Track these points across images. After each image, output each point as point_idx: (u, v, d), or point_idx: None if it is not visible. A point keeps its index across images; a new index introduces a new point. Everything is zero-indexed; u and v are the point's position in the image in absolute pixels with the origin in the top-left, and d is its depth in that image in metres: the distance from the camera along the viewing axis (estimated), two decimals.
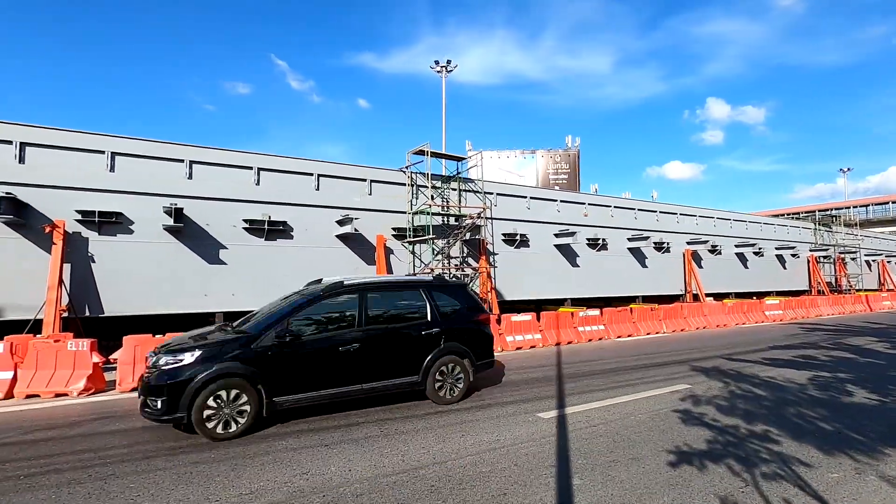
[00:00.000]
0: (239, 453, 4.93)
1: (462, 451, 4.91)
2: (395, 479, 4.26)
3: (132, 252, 11.15)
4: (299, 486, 4.16)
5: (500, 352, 11.60)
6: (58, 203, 10.45)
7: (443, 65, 31.37)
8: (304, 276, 13.07)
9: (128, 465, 4.64)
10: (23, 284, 9.99)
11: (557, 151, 44.37)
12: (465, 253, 16.01)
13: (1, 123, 10.19)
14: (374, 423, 5.89)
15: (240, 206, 12.34)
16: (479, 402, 6.87)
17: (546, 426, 5.73)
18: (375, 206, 14.32)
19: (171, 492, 4.05)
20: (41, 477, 4.39)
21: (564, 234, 17.94)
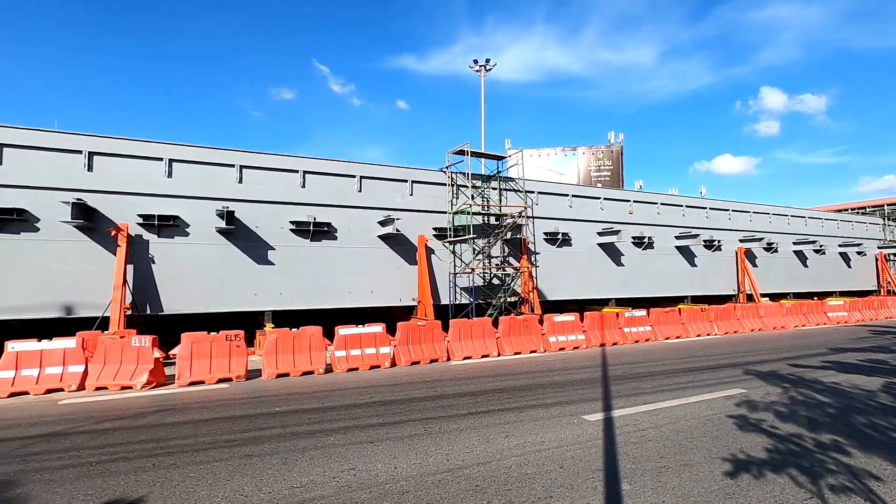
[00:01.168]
0: (289, 447, 5.10)
1: (506, 452, 4.89)
2: (440, 478, 4.29)
3: (188, 253, 11.75)
4: (347, 481, 4.26)
5: (542, 352, 11.46)
6: (122, 208, 11.14)
7: (482, 64, 31.28)
8: (347, 276, 13.42)
9: (187, 456, 4.90)
10: (91, 284, 10.72)
11: (599, 148, 43.31)
12: (506, 252, 15.90)
13: (72, 135, 10.98)
14: (418, 422, 5.96)
15: (287, 209, 12.76)
16: (523, 403, 6.81)
17: (592, 429, 5.62)
18: (416, 207, 14.45)
19: (227, 482, 4.24)
20: (110, 464, 4.70)
21: (608, 232, 17.51)
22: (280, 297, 12.61)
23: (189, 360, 8.33)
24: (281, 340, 9.05)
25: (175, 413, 6.55)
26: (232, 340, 8.68)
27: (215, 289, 11.99)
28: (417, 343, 10.26)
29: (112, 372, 8.03)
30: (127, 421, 6.20)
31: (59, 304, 10.56)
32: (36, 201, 10.47)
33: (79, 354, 8.10)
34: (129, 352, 8.20)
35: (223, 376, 8.41)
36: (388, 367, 9.61)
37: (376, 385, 8.14)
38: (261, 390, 7.85)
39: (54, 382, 7.80)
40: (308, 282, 12.90)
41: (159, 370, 8.28)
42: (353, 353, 9.51)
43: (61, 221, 10.36)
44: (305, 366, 9.01)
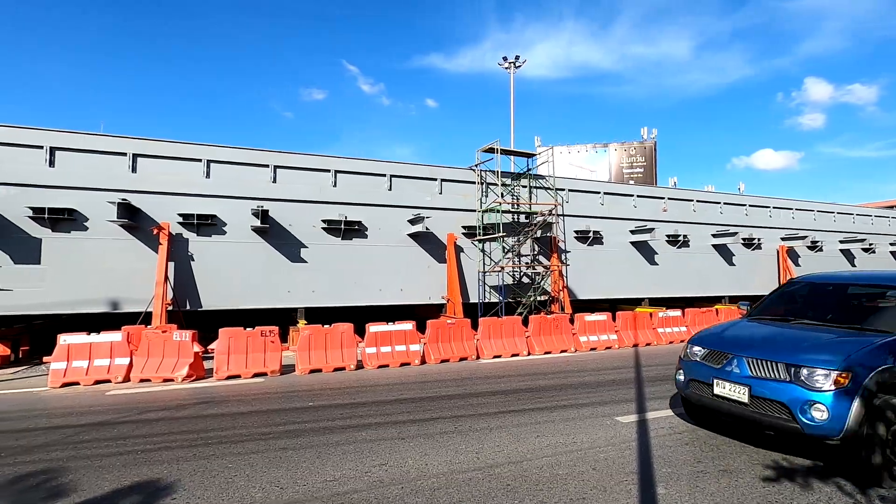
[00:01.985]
0: (323, 442, 5.20)
1: (537, 452, 4.85)
2: (471, 476, 4.29)
3: (225, 251, 12.12)
4: (379, 476, 4.31)
5: (573, 352, 11.31)
6: (163, 207, 11.58)
7: (511, 61, 31.01)
8: (378, 274, 13.57)
9: (226, 447, 5.06)
10: (136, 280, 11.19)
11: (632, 144, 42.36)
12: (536, 251, 15.76)
13: (117, 138, 11.48)
14: (448, 420, 5.98)
15: (319, 207, 13.00)
16: (554, 403, 6.75)
17: (626, 431, 5.51)
18: (446, 205, 14.47)
19: (264, 474, 4.36)
20: (155, 453, 4.91)
21: (641, 230, 17.11)
22: (312, 295, 12.86)
23: (226, 355, 8.61)
24: (313, 337, 9.24)
25: (214, 405, 6.78)
26: (267, 336, 8.91)
27: (250, 286, 12.33)
28: (447, 341, 10.28)
29: (155, 365, 8.37)
30: (169, 412, 6.46)
31: (106, 299, 11.08)
32: (85, 201, 11.00)
33: (124, 347, 8.48)
34: (171, 346, 8.53)
35: (258, 371, 8.65)
36: (417, 365, 9.68)
37: (406, 382, 8.21)
38: (294, 385, 8.03)
39: (102, 374, 8.20)
40: (339, 279, 13.11)
41: (199, 364, 8.58)
42: (384, 350, 9.62)
43: (108, 221, 10.85)
44: (337, 362, 9.17)
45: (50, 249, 10.75)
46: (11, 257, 10.47)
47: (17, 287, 10.47)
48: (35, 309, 10.72)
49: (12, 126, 10.74)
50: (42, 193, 10.71)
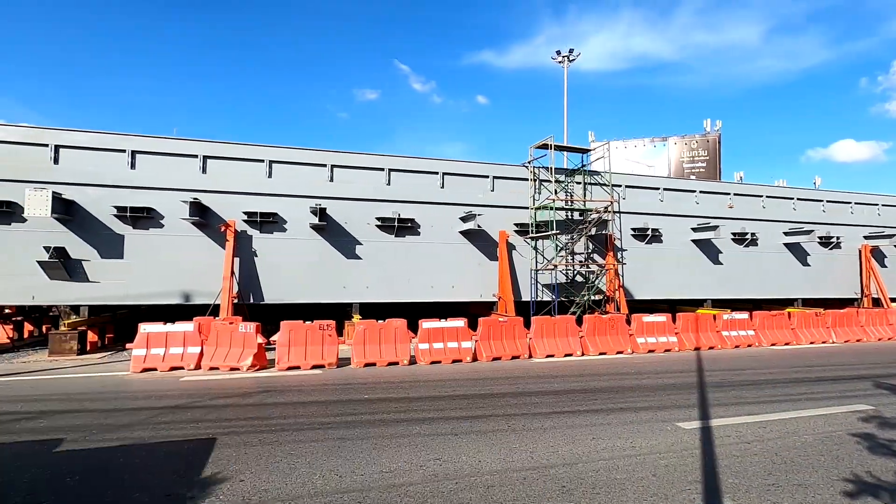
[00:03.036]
0: (378, 434, 5.34)
1: (594, 455, 4.74)
2: (525, 476, 4.26)
3: (285, 248, 12.68)
4: (433, 470, 4.37)
5: (629, 353, 10.95)
6: (230, 206, 12.28)
7: (564, 54, 30.37)
8: (430, 270, 13.73)
9: (288, 434, 5.31)
10: (205, 274, 11.94)
11: (694, 137, 40.24)
12: (591, 249, 15.36)
13: (189, 141, 12.28)
14: (501, 418, 5.96)
15: (373, 205, 13.31)
16: (610, 406, 6.56)
17: (688, 437, 5.28)
18: (498, 203, 14.40)
19: (324, 462, 4.53)
20: (224, 437, 5.22)
21: (704, 227, 16.25)
22: (366, 290, 13.20)
23: (287, 347, 9.01)
24: (368, 331, 9.49)
25: (276, 395, 7.12)
26: (324, 330, 9.25)
27: (309, 281, 12.83)
28: (499, 339, 10.25)
29: (223, 354, 8.90)
30: (236, 399, 6.85)
31: (179, 291, 11.89)
32: (161, 201, 11.85)
33: (196, 337, 9.07)
34: (237, 337, 9.03)
35: (316, 363, 8.99)
36: (469, 362, 9.71)
37: (459, 379, 8.26)
38: (350, 378, 8.29)
39: (176, 361, 8.82)
40: (392, 276, 13.38)
41: (262, 354, 9.04)
42: (436, 347, 9.72)
43: (181, 219, 11.64)
44: (391, 356, 9.37)
45: (131, 245, 11.68)
46: (99, 252, 11.46)
47: (104, 280, 11.45)
48: (119, 300, 11.69)
49: (99, 132, 11.75)
50: (124, 194, 11.64)
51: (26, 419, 5.83)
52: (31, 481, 4.08)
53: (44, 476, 4.19)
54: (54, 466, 4.38)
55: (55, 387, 7.67)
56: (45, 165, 11.23)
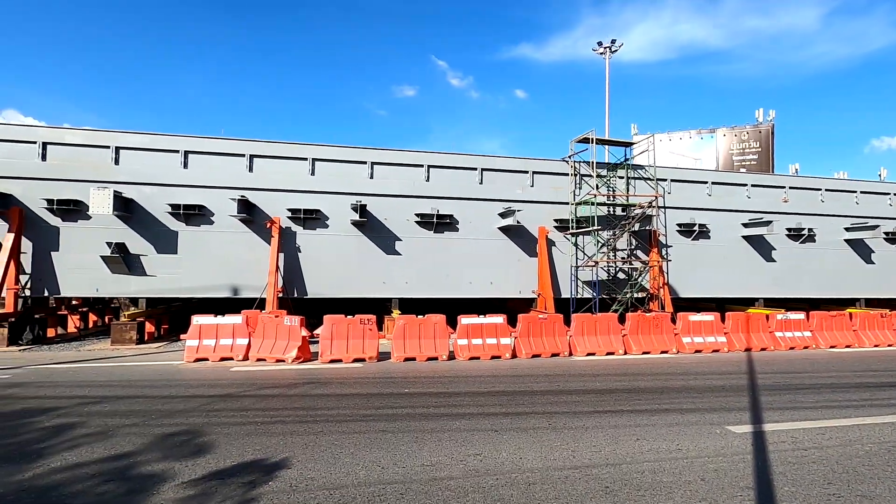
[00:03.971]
0: (419, 427, 5.40)
1: (638, 456, 4.63)
2: (567, 475, 4.21)
3: (327, 244, 13.01)
4: (474, 465, 4.39)
5: (674, 353, 10.61)
6: (275, 203, 12.70)
7: (606, 46, 29.38)
8: (468, 266, 13.74)
9: (332, 425, 5.45)
10: (251, 269, 12.41)
11: (744, 128, 38.36)
12: (634, 245, 14.94)
13: (237, 141, 12.77)
14: (542, 416, 5.91)
15: (412, 202, 13.44)
16: (655, 406, 6.38)
17: (738, 442, 5.06)
18: (537, 198, 14.23)
19: (366, 453, 4.63)
20: (272, 425, 5.42)
21: (756, 223, 15.50)
22: (405, 286, 13.36)
23: (330, 340, 9.25)
24: (408, 326, 9.60)
25: (320, 386, 7.32)
26: (365, 324, 9.43)
27: (349, 276, 13.11)
28: (538, 336, 10.15)
29: (269, 346, 9.24)
30: (282, 389, 7.10)
31: (228, 285, 12.42)
32: (211, 198, 12.39)
33: (244, 329, 9.45)
34: (282, 329, 9.35)
35: (358, 356, 9.19)
36: (508, 359, 9.67)
37: (498, 375, 8.24)
38: (391, 372, 8.42)
39: (226, 352, 9.22)
40: (431, 272, 13.47)
41: (305, 347, 9.32)
42: (475, 343, 9.73)
43: (230, 216, 12.13)
44: (430, 352, 9.45)
45: (184, 241, 12.28)
46: (155, 248, 12.11)
47: (160, 274, 12.11)
48: (173, 293, 12.33)
49: (155, 134, 12.39)
50: (178, 192, 12.24)
51: (93, 403, 6.25)
52: (99, 460, 4.37)
53: (111, 454, 4.48)
54: (117, 447, 4.68)
55: (117, 374, 8.18)
56: (107, 166, 11.96)
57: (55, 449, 4.63)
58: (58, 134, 12.09)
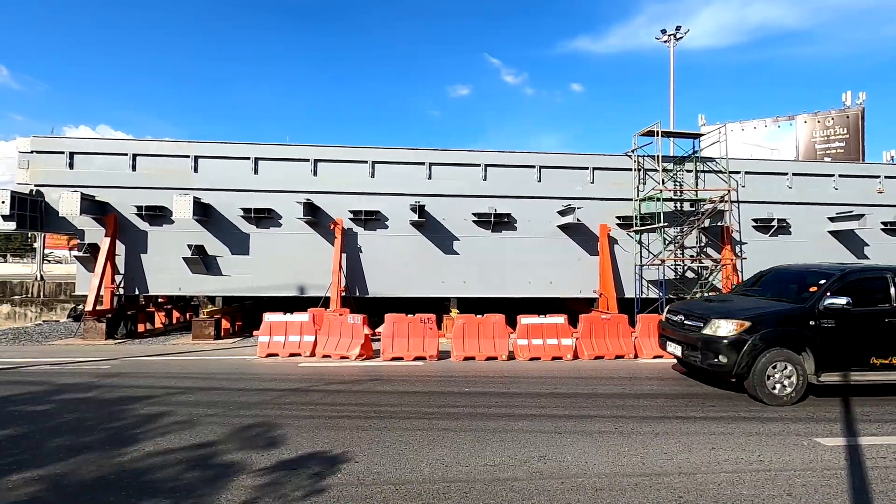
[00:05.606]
0: (481, 427, 5.40)
1: (714, 466, 4.37)
2: (636, 482, 4.05)
3: (387, 244, 13.30)
4: (538, 468, 4.33)
5: None
6: (337, 205, 13.15)
7: (671, 33, 28.19)
8: (527, 266, 13.56)
9: (395, 422, 5.57)
10: (316, 269, 12.94)
11: (829, 113, 35.12)
12: (703, 242, 14.11)
13: (302, 146, 13.36)
14: (608, 419, 5.72)
15: (470, 201, 13.45)
16: (732, 413, 6.00)
17: (830, 456, 4.65)
18: (598, 195, 13.78)
19: (430, 451, 4.69)
20: (339, 419, 5.63)
21: (845, 217, 14.15)
22: (464, 285, 13.41)
23: (391, 338, 9.46)
24: (467, 326, 9.62)
25: (382, 383, 7.51)
26: (426, 323, 9.56)
27: (408, 275, 13.33)
28: (601, 337, 9.83)
29: (334, 343, 9.59)
30: (347, 385, 7.34)
31: (295, 284, 13.02)
32: (278, 202, 13.04)
33: (310, 327, 9.86)
34: (346, 327, 9.67)
35: (418, 355, 9.33)
36: (569, 360, 9.45)
37: (559, 376, 8.07)
38: (450, 370, 8.48)
39: (294, 348, 9.67)
40: (489, 271, 13.43)
41: (368, 345, 9.58)
42: (535, 343, 9.59)
43: (296, 218, 12.71)
44: (490, 351, 9.42)
45: (256, 243, 13.01)
46: (230, 250, 12.93)
47: (234, 274, 12.91)
48: (246, 291, 13.10)
49: (228, 142, 13.22)
50: (249, 196, 12.98)
51: (179, 393, 6.77)
52: (186, 447, 4.73)
53: (196, 442, 4.84)
54: (201, 435, 5.04)
55: (199, 367, 8.80)
56: (188, 174, 12.90)
57: (148, 435, 5.05)
58: (145, 146, 13.21)
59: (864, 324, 6.56)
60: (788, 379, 6.35)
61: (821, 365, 6.44)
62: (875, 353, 6.51)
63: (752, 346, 6.32)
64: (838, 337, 6.45)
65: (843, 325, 6.45)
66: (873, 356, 6.51)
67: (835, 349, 6.45)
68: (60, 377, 7.72)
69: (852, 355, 6.52)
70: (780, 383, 6.36)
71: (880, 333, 6.55)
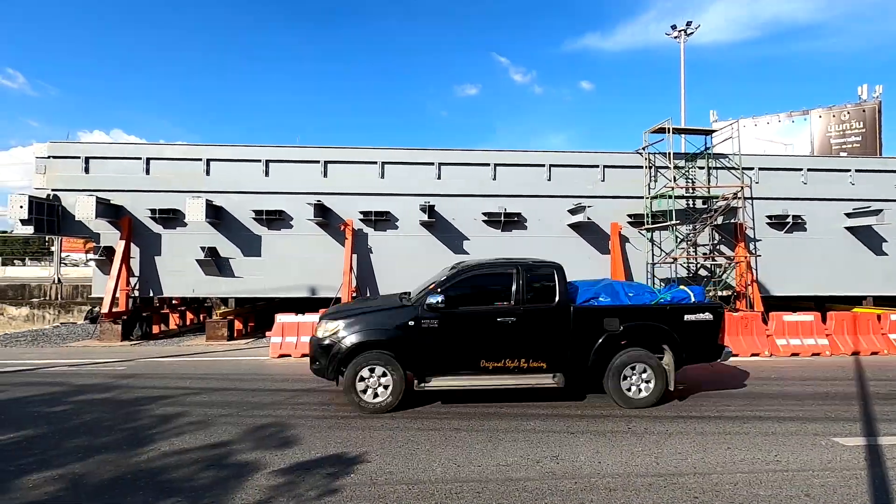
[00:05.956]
0: (492, 427, 5.39)
1: (729, 467, 4.32)
2: (650, 482, 4.02)
3: (397, 244, 13.33)
4: (550, 468, 4.31)
5: (767, 356, 9.78)
6: (347, 206, 13.21)
7: (681, 29, 27.89)
8: None
9: (407, 421, 5.57)
10: (327, 270, 13.00)
11: (844, 107, 34.50)
12: (717, 240, 13.95)
13: (312, 148, 13.45)
14: (620, 419, 5.68)
15: (479, 201, 13.43)
16: (747, 413, 5.92)
17: (849, 456, 4.57)
18: (609, 193, 13.68)
19: (441, 451, 4.69)
20: (352, 419, 5.64)
21: (862, 212, 13.89)
22: None
23: None
24: None
25: None
26: None
27: (419, 275, 13.17)
28: None
29: None
30: None
31: (306, 286, 13.10)
32: (289, 204, 13.12)
33: None
34: None
35: None
36: None
37: None
38: None
39: (307, 349, 9.62)
40: None
41: None
42: None
43: (307, 219, 12.80)
44: None
45: (267, 244, 13.12)
46: (242, 251, 13.05)
47: (246, 275, 13.02)
48: (258, 293, 13.22)
49: (240, 145, 13.34)
50: (260, 198, 13.08)
51: (193, 394, 6.85)
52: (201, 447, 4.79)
53: (211, 442, 4.89)
54: (216, 435, 5.10)
55: (213, 367, 8.90)
56: (200, 177, 13.05)
57: (164, 435, 5.12)
58: (158, 150, 13.39)
59: (471, 324, 6.03)
60: (383, 386, 5.86)
61: (424, 369, 5.95)
62: (485, 356, 6.01)
63: (340, 349, 5.85)
64: (442, 338, 5.92)
65: (446, 325, 5.91)
66: (483, 359, 6.02)
67: (438, 352, 5.93)
68: (78, 378, 7.86)
69: (458, 358, 6.00)
70: (374, 389, 5.85)
71: (491, 334, 6.00)
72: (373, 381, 5.90)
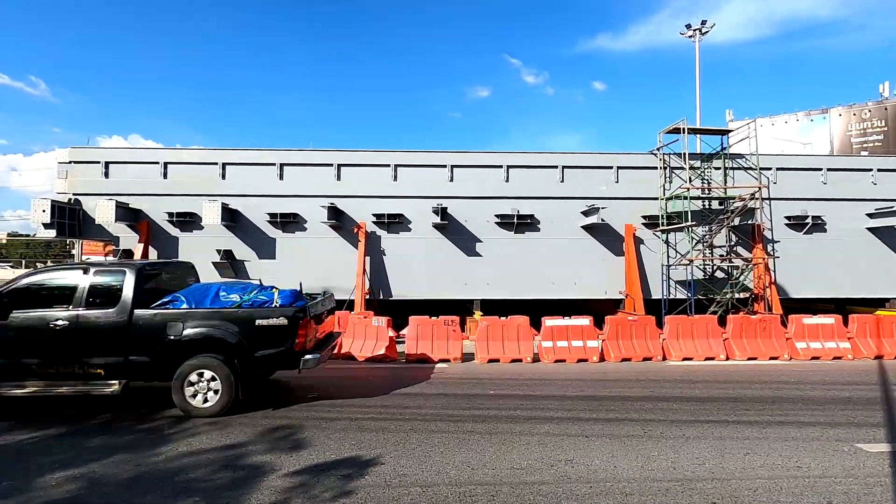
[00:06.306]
0: (506, 430, 5.36)
1: (748, 472, 4.24)
2: (667, 486, 3.96)
3: (410, 247, 13.36)
4: (565, 471, 4.27)
5: (786, 360, 9.59)
6: (361, 209, 13.28)
7: (696, 28, 27.53)
8: (551, 267, 13.43)
9: (420, 424, 5.58)
10: (341, 272, 13.08)
11: (865, 106, 33.71)
12: (733, 241, 13.72)
13: (326, 151, 13.56)
14: (636, 423, 5.61)
15: (492, 203, 13.40)
16: (766, 418, 5.81)
17: (873, 462, 4.46)
18: (623, 194, 13.55)
19: (455, 454, 4.68)
20: (365, 422, 5.66)
21: (885, 212, 13.55)
22: (487, 287, 13.35)
23: (415, 341, 9.49)
24: (491, 328, 9.59)
25: (406, 385, 7.53)
26: (449, 325, 9.56)
27: (432, 278, 13.35)
28: (628, 339, 9.66)
29: (359, 345, 9.68)
30: (369, 388, 7.39)
31: (320, 288, 13.13)
32: (303, 207, 13.24)
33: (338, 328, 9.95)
34: (371, 330, 9.75)
35: (443, 357, 9.33)
36: (595, 362, 9.30)
37: (585, 379, 7.96)
38: (475, 373, 8.45)
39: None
40: (513, 273, 13.34)
41: (392, 347, 9.63)
42: (560, 345, 9.48)
43: (321, 222, 12.89)
44: (514, 353, 9.36)
45: (281, 247, 13.25)
46: (257, 254, 13.19)
47: (262, 278, 13.12)
48: None
49: (254, 149, 13.51)
50: (275, 202, 13.22)
51: None
52: (216, 448, 4.84)
53: (225, 443, 4.94)
54: (231, 436, 5.15)
55: None
56: (216, 181, 13.23)
57: (181, 435, 5.19)
58: (175, 154, 13.61)
59: (24, 331, 5.78)
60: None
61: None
62: (44, 364, 5.80)
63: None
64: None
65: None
66: (38, 367, 5.81)
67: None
68: None
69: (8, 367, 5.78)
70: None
71: (44, 341, 5.77)
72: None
